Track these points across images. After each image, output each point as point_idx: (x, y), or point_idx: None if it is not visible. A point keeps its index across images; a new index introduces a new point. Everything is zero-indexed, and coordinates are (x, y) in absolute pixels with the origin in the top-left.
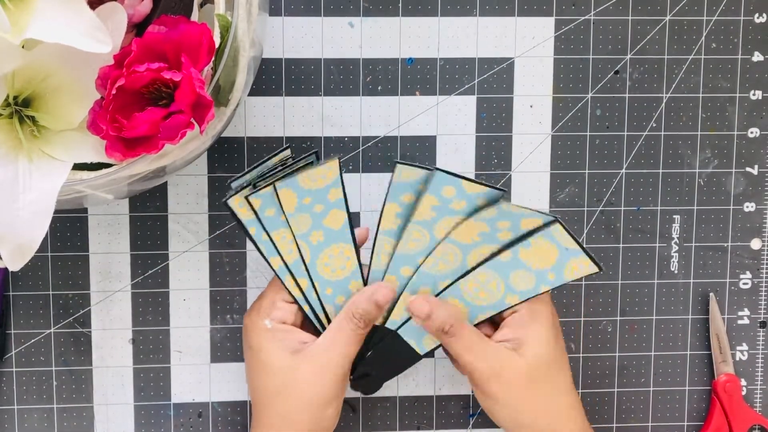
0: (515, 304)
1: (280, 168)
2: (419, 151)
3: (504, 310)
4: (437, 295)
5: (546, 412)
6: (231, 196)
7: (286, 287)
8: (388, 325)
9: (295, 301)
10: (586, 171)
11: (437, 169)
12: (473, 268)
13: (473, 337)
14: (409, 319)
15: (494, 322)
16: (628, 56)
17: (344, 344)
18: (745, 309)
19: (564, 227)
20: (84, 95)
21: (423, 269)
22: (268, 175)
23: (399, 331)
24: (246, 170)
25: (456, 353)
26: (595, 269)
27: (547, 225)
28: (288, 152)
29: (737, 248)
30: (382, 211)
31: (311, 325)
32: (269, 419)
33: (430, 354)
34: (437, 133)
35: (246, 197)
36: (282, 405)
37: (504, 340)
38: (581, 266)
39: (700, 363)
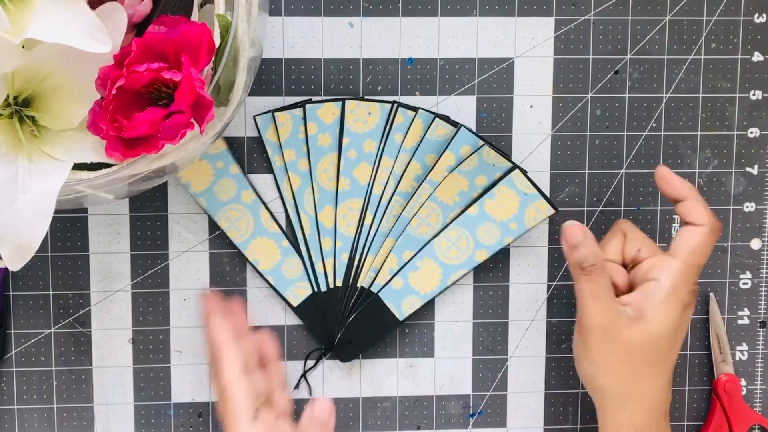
0: (483, 261)
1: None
2: None
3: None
4: (414, 256)
5: (625, 387)
6: (275, 111)
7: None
8: (372, 287)
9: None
10: (586, 171)
11: (462, 126)
12: (446, 226)
13: (604, 288)
14: (390, 281)
15: (630, 278)
16: (628, 56)
17: None
18: (745, 309)
19: (523, 172)
20: (84, 95)
21: (408, 231)
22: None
23: (380, 294)
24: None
25: (581, 293)
26: (552, 211)
27: (508, 172)
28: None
29: (737, 248)
30: (404, 169)
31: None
32: None
33: (409, 319)
34: None
35: (303, 106)
36: None
37: (630, 304)
38: (539, 210)
39: (700, 363)
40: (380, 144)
